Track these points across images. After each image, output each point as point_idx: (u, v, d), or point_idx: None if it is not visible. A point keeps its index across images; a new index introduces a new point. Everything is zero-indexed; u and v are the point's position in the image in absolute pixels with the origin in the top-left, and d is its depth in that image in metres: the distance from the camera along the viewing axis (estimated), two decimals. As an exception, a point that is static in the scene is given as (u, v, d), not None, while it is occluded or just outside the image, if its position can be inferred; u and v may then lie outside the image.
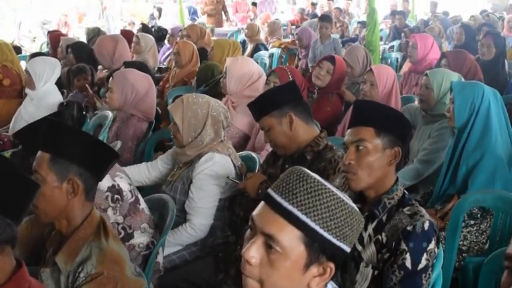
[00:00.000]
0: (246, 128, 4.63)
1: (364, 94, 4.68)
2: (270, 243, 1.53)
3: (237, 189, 3.33)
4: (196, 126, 3.42)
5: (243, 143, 4.61)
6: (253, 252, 1.55)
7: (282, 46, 9.25)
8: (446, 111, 3.82)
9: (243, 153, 3.72)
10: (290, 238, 1.52)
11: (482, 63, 6.48)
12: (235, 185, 3.30)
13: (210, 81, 5.72)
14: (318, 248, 1.54)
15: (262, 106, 3.24)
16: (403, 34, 9.47)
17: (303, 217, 1.52)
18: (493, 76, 6.19)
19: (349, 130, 2.48)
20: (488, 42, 6.56)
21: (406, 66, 7.06)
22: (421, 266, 2.26)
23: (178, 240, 3.36)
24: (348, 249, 1.59)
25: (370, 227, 2.38)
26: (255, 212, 1.60)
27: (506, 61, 6.95)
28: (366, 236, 2.38)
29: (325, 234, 1.53)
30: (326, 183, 1.58)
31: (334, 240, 1.54)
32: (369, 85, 4.66)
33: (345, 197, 1.58)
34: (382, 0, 17.92)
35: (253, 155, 3.83)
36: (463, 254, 3.41)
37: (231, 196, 3.47)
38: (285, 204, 1.54)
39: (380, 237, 2.35)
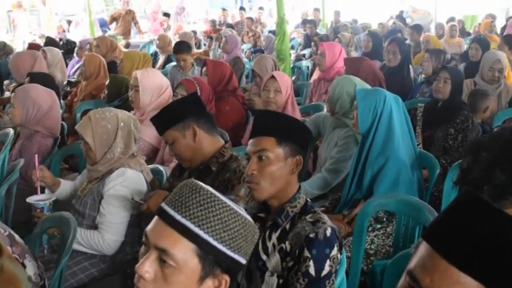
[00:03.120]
0: (154, 141, 4.58)
1: (269, 101, 4.68)
2: (163, 257, 1.51)
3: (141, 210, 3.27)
4: (108, 142, 3.36)
5: (152, 155, 4.57)
6: (147, 267, 1.52)
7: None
8: (351, 117, 3.89)
9: (150, 166, 3.67)
10: (184, 251, 1.51)
11: (388, 69, 6.68)
12: (138, 205, 3.25)
13: (124, 96, 5.64)
14: (212, 260, 1.53)
15: (164, 120, 3.21)
16: (313, 43, 9.62)
17: (196, 229, 1.51)
18: (398, 82, 6.39)
19: (251, 140, 2.49)
20: (394, 49, 6.75)
21: (316, 74, 7.17)
22: (324, 273, 2.28)
23: (86, 241, 3.27)
24: (243, 261, 1.59)
25: (274, 236, 2.39)
26: (148, 227, 1.58)
27: (411, 67, 7.17)
28: (270, 245, 2.39)
29: (219, 246, 1.52)
30: (219, 195, 1.57)
31: (228, 252, 1.54)
32: (273, 92, 4.68)
33: (238, 209, 1.58)
34: (294, 10, 18.27)
35: (160, 168, 3.79)
36: (371, 258, 3.48)
37: (141, 212, 3.41)
38: (178, 217, 1.52)
39: (284, 246, 2.36)
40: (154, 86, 4.84)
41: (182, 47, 7.58)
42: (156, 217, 1.58)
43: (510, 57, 7.03)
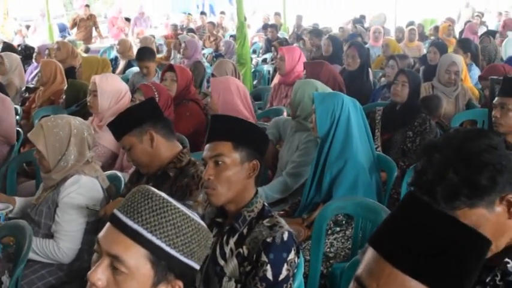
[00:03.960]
0: (113, 147, 4.52)
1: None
2: (115, 264, 1.50)
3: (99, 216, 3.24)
4: (61, 149, 3.31)
5: (111, 161, 4.51)
6: (100, 274, 1.51)
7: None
8: (310, 121, 3.91)
9: (108, 173, 3.63)
10: (136, 258, 1.50)
11: (348, 73, 6.71)
12: (95, 212, 3.22)
13: (82, 101, 5.57)
14: (165, 266, 1.52)
15: (121, 125, 3.19)
16: (273, 47, 9.65)
17: (149, 235, 1.50)
18: (358, 85, 6.41)
19: (207, 145, 2.49)
20: (353, 53, 6.77)
21: (276, 79, 7.18)
22: (282, 277, 2.28)
23: (41, 250, 3.22)
24: (196, 266, 1.58)
25: (232, 241, 2.39)
26: (100, 234, 1.57)
27: (370, 70, 7.22)
28: (227, 250, 2.39)
29: (172, 252, 1.51)
30: (172, 200, 1.57)
31: (182, 257, 1.53)
32: (208, 98, 4.79)
33: (191, 214, 1.57)
34: (256, 14, 18.32)
35: (118, 174, 3.75)
36: (331, 261, 3.49)
37: (99, 219, 3.37)
38: (130, 223, 1.51)
39: (241, 251, 2.36)
40: (113, 91, 4.79)
41: (144, 54, 7.24)
42: (108, 223, 1.57)
43: (466, 61, 7.12)
